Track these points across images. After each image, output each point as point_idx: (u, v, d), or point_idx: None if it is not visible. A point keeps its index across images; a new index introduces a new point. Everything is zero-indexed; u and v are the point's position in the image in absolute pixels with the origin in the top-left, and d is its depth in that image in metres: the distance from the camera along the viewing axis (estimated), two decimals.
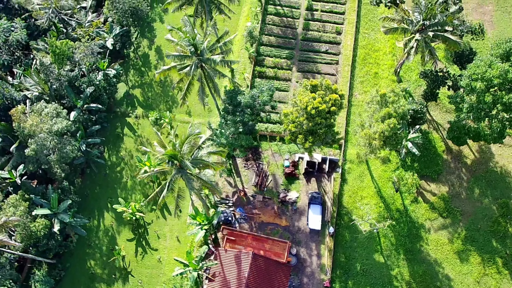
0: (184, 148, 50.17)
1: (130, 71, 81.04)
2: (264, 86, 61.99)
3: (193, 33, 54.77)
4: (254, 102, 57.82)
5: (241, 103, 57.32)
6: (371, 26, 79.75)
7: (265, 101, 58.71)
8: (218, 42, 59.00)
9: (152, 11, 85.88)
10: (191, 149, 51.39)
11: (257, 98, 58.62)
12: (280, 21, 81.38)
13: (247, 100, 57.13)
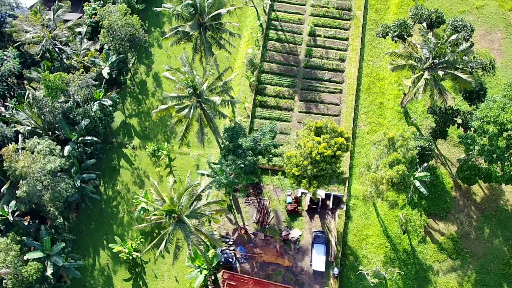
0: (182, 200, 47.65)
1: (127, 99, 78.47)
2: (266, 127, 59.48)
3: (192, 74, 52.23)
4: (256, 145, 55.31)
5: (242, 145, 54.79)
6: (375, 53, 77.26)
7: (268, 145, 56.19)
8: (219, 79, 56.47)
9: (149, 35, 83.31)
10: (190, 198, 48.85)
11: (259, 141, 56.12)
12: (281, 47, 78.86)
13: (249, 144, 54.61)
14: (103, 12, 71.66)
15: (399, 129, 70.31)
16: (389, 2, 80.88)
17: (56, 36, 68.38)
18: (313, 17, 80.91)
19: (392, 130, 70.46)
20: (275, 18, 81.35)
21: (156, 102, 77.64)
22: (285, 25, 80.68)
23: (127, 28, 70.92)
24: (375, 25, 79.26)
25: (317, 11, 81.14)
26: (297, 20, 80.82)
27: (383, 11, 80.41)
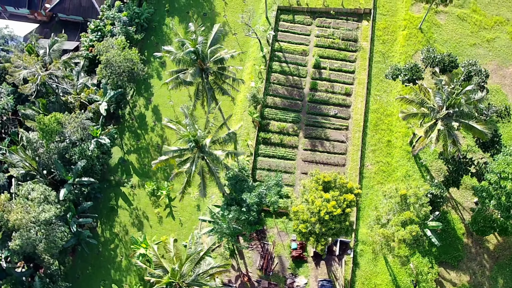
0: (184, 267, 44.97)
1: (126, 134, 75.73)
2: (271, 180, 56.76)
3: (193, 127, 49.52)
4: (261, 200, 52.66)
5: (247, 201, 52.10)
6: (382, 87, 74.62)
7: (273, 202, 53.53)
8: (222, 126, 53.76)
9: (149, 65, 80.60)
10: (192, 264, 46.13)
11: (264, 196, 53.44)
12: (285, 80, 76.20)
13: (254, 201, 51.90)
14: (101, 46, 68.97)
15: (408, 170, 67.82)
16: (396, 33, 78.26)
17: (51, 75, 65.56)
18: (318, 48, 78.30)
19: (400, 171, 68.03)
20: (279, 48, 78.70)
21: (156, 138, 74.95)
22: (289, 57, 78.03)
23: (126, 63, 68.25)
24: (382, 58, 76.69)
25: (322, 42, 78.50)
26: (302, 51, 78.17)
27: (390, 42, 77.79)
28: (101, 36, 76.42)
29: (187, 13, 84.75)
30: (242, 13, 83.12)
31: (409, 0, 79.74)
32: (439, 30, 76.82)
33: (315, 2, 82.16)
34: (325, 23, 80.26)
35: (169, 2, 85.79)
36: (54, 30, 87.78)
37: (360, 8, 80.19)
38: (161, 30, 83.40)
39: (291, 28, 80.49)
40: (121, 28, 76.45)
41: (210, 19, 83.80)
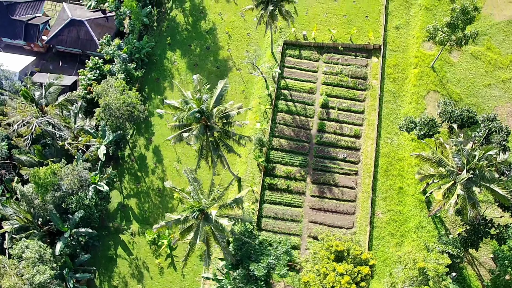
0: None
1: (125, 177, 72.59)
2: (280, 247, 53.67)
3: (198, 196, 46.43)
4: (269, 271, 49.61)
5: (254, 274, 49.02)
6: (393, 129, 71.55)
7: (283, 274, 50.46)
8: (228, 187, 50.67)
9: (149, 102, 77.53)
10: None
11: (273, 265, 50.36)
12: (292, 121, 73.13)
13: (262, 273, 48.81)
14: (99, 89, 65.93)
15: (421, 221, 64.79)
16: (407, 71, 75.18)
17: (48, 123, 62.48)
18: (325, 86, 75.23)
19: (413, 221, 65.04)
20: (285, 86, 75.63)
21: (157, 181, 71.85)
22: (296, 95, 74.95)
23: (125, 107, 65.23)
24: (392, 97, 73.64)
25: (330, 80, 75.42)
26: (309, 89, 75.10)
27: (401, 81, 74.73)
28: (100, 74, 73.32)
29: (189, 46, 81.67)
30: (247, 47, 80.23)
31: (421, 37, 76.66)
32: (452, 69, 73.78)
33: (323, 37, 79.08)
34: (333, 59, 77.18)
35: (171, 35, 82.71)
36: (51, 61, 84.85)
37: (369, 44, 77.13)
38: (162, 65, 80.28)
39: (297, 64, 77.43)
40: (121, 66, 73.37)
41: (213, 53, 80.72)
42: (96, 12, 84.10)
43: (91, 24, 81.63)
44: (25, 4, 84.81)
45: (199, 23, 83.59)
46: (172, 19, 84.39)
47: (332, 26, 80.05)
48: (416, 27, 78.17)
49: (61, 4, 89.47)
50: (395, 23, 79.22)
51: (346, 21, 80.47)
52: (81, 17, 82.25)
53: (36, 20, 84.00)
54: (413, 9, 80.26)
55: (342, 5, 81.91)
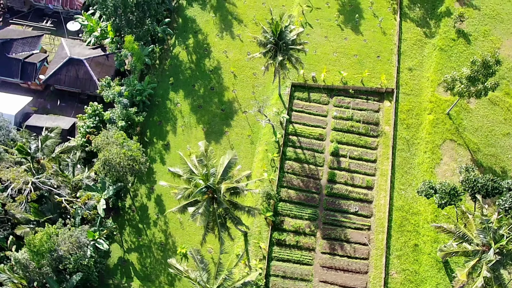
0: None
1: (126, 229, 69.16)
2: None
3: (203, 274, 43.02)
4: None
5: None
6: (407, 179, 68.15)
7: None
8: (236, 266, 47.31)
9: (151, 147, 74.13)
10: None
11: None
12: (301, 170, 69.72)
13: None
14: (99, 140, 62.59)
15: (438, 283, 61.37)
16: (421, 117, 71.77)
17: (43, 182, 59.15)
18: (336, 132, 71.84)
19: (430, 283, 61.63)
20: (293, 131, 72.26)
21: (159, 233, 68.43)
22: (305, 141, 71.56)
23: (126, 161, 61.87)
24: (406, 145, 70.23)
25: (340, 125, 72.02)
26: (318, 135, 71.71)
27: (415, 127, 71.30)
28: (100, 121, 69.94)
29: (192, 87, 78.31)
30: (253, 88, 76.99)
31: (435, 80, 73.27)
32: (469, 116, 70.37)
33: (332, 78, 75.70)
34: (344, 103, 73.81)
35: (174, 74, 79.32)
36: (49, 100, 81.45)
37: (381, 87, 73.72)
38: (164, 106, 76.88)
39: (306, 107, 74.05)
40: (121, 112, 69.98)
41: (217, 94, 77.36)
42: (95, 49, 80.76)
43: (90, 63, 78.26)
44: (22, 40, 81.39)
45: (203, 61, 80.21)
46: (175, 57, 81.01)
47: (342, 66, 76.71)
48: (430, 69, 74.79)
49: (59, 38, 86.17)
50: (408, 64, 75.87)
51: (357, 61, 77.07)
52: (80, 55, 78.84)
53: (33, 58, 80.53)
54: (427, 49, 76.89)
55: (353, 44, 78.52)
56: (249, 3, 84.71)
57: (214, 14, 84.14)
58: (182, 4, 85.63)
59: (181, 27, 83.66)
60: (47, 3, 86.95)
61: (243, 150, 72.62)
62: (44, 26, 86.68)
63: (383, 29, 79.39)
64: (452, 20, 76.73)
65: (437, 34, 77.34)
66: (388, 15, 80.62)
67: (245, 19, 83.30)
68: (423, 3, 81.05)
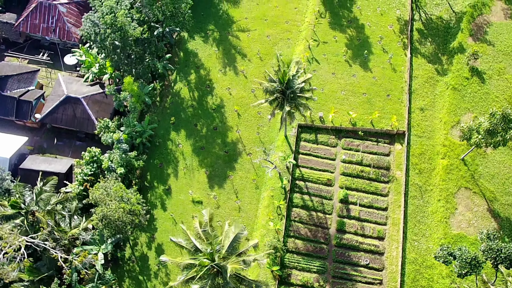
0: None
1: (125, 281, 66.05)
2: None
3: None
4: None
5: None
6: (421, 229, 65.05)
7: None
8: None
9: (151, 192, 70.97)
10: None
11: None
12: (308, 218, 66.61)
13: None
14: (96, 194, 59.53)
15: None
16: (434, 161, 68.59)
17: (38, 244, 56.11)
18: (344, 177, 68.70)
19: None
20: (300, 176, 69.11)
21: (160, 286, 65.29)
22: (312, 187, 68.39)
23: (125, 216, 58.84)
24: (419, 192, 67.09)
25: (349, 170, 68.88)
26: (326, 180, 68.56)
27: (427, 172, 68.13)
28: (98, 168, 66.80)
29: (194, 126, 75.14)
30: (258, 128, 73.90)
31: (448, 121, 70.10)
32: (485, 162, 67.19)
33: (340, 119, 72.57)
34: (353, 145, 70.67)
35: (175, 112, 76.16)
36: (46, 138, 78.35)
37: (392, 129, 70.57)
38: (165, 148, 73.73)
39: (313, 150, 70.89)
40: (120, 157, 66.85)
41: (221, 134, 74.20)
42: (94, 86, 77.70)
43: (88, 102, 75.20)
44: (17, 77, 78.27)
45: (206, 98, 77.08)
46: (176, 94, 77.87)
47: (351, 106, 73.58)
48: (443, 109, 71.60)
49: (56, 72, 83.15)
50: (419, 104, 72.73)
51: (366, 100, 73.93)
52: (78, 93, 75.74)
53: (29, 95, 77.34)
54: (439, 87, 73.71)
55: (362, 82, 75.37)
56: (253, 36, 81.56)
57: (216, 47, 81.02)
58: (184, 36, 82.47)
59: (183, 61, 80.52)
60: (43, 34, 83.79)
61: (248, 196, 69.53)
62: (40, 59, 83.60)
63: (393, 66, 76.24)
64: (465, 57, 73.55)
65: (449, 71, 74.19)
66: (398, 50, 77.50)
67: (249, 53, 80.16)
68: (434, 38, 77.93)
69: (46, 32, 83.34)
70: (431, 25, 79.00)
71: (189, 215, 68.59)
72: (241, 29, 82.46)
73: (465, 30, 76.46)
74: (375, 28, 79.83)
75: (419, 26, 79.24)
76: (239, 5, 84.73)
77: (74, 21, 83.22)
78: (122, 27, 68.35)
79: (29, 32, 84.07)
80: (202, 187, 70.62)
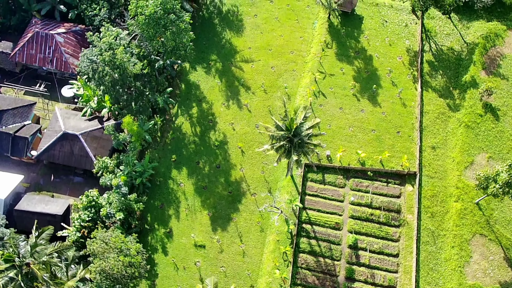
0: None
1: None
2: None
3: None
4: None
5: None
6: (434, 278, 62.18)
7: None
8: None
9: (152, 235, 68.13)
10: None
11: None
12: (316, 264, 63.79)
13: None
14: (95, 248, 56.74)
15: None
16: (447, 204, 65.70)
17: None
18: (353, 220, 65.91)
19: None
20: (307, 219, 66.29)
21: None
22: (320, 231, 65.56)
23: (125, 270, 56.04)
24: (431, 238, 64.25)
25: (358, 213, 66.09)
26: (334, 224, 65.74)
27: (440, 216, 65.27)
28: (95, 213, 64.03)
29: (197, 164, 72.28)
30: (262, 167, 71.04)
31: (462, 162, 67.20)
32: (500, 206, 64.31)
33: (349, 157, 69.73)
34: (362, 186, 67.85)
35: (176, 150, 73.30)
36: (42, 174, 75.59)
37: (402, 170, 67.71)
38: (166, 187, 70.89)
39: (320, 191, 68.06)
40: (120, 201, 64.05)
41: (224, 172, 71.36)
42: (92, 121, 74.89)
43: (86, 138, 72.44)
44: (13, 111, 75.52)
45: (208, 134, 74.25)
46: (177, 128, 75.03)
47: (359, 143, 70.72)
48: (455, 148, 68.69)
49: (53, 103, 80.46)
50: (431, 142, 69.85)
51: (375, 137, 71.06)
52: (75, 129, 72.96)
53: (25, 131, 74.53)
54: (451, 124, 70.81)
55: (370, 117, 72.50)
56: (257, 67, 78.72)
57: (219, 79, 78.17)
58: (185, 67, 79.64)
59: (184, 94, 77.71)
60: (40, 65, 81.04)
61: (252, 239, 66.74)
62: (37, 91, 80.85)
63: (403, 100, 73.41)
64: (478, 93, 70.66)
65: (462, 107, 71.30)
66: (407, 84, 74.62)
67: (253, 86, 77.33)
68: (445, 70, 75.07)
69: (43, 62, 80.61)
70: (442, 57, 76.14)
71: (192, 260, 65.86)
72: (245, 60, 79.64)
73: (478, 62, 73.58)
74: (384, 59, 76.96)
75: (429, 57, 76.36)
76: (242, 34, 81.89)
77: (72, 51, 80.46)
78: (121, 64, 65.54)
79: (25, 62, 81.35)
80: (205, 229, 67.84)
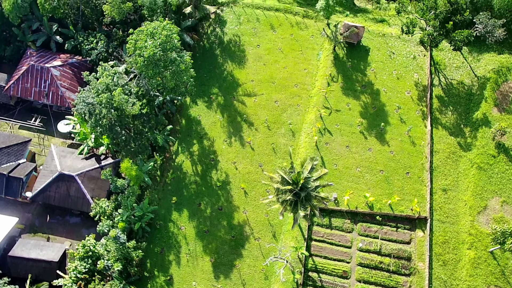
0: None
1: None
2: None
3: None
4: None
5: None
6: None
7: None
8: None
9: (151, 282, 65.29)
10: None
11: None
12: None
13: None
14: None
15: None
16: (460, 251, 62.97)
17: None
18: (362, 268, 63.17)
19: None
20: (313, 267, 63.56)
21: None
22: (327, 280, 62.90)
23: None
24: (443, 287, 61.45)
25: (367, 260, 63.36)
26: (342, 272, 63.02)
27: (452, 264, 62.54)
28: (92, 264, 61.28)
29: (198, 206, 69.51)
30: (266, 209, 68.12)
31: (474, 206, 64.48)
32: None
33: (356, 200, 66.99)
34: (370, 231, 65.13)
35: (176, 190, 70.54)
36: (37, 215, 72.87)
37: (413, 214, 64.98)
38: (166, 231, 68.07)
39: (327, 236, 65.35)
40: (118, 250, 61.26)
41: (226, 215, 68.58)
42: (89, 160, 72.13)
43: (83, 179, 69.69)
44: (7, 150, 72.77)
45: (210, 173, 71.47)
46: (178, 167, 72.25)
47: (367, 184, 67.98)
48: (468, 190, 65.95)
49: (49, 138, 77.74)
50: (442, 183, 67.10)
51: (384, 178, 68.30)
52: (71, 169, 70.17)
53: (19, 171, 71.74)
54: (462, 165, 68.03)
55: (378, 157, 69.73)
56: (260, 102, 75.98)
57: (221, 114, 75.42)
58: (186, 102, 76.87)
59: (185, 129, 74.95)
60: (35, 99, 78.31)
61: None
62: (32, 126, 78.13)
63: (412, 138, 70.65)
64: (490, 132, 67.96)
65: (473, 146, 68.55)
66: (417, 120, 71.87)
67: (256, 121, 74.55)
68: (456, 106, 72.35)
69: (38, 96, 77.91)
70: (452, 91, 73.44)
71: None
72: (247, 93, 76.93)
73: (489, 99, 70.91)
74: (392, 94, 74.24)
75: (438, 92, 73.67)
76: (244, 66, 79.15)
77: (69, 85, 77.79)
78: (119, 106, 62.79)
79: (20, 96, 78.61)
80: (207, 277, 65.08)
